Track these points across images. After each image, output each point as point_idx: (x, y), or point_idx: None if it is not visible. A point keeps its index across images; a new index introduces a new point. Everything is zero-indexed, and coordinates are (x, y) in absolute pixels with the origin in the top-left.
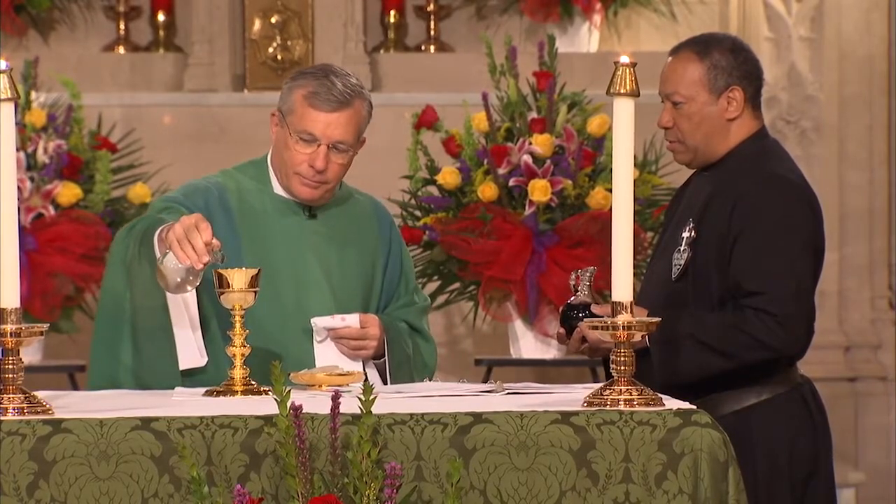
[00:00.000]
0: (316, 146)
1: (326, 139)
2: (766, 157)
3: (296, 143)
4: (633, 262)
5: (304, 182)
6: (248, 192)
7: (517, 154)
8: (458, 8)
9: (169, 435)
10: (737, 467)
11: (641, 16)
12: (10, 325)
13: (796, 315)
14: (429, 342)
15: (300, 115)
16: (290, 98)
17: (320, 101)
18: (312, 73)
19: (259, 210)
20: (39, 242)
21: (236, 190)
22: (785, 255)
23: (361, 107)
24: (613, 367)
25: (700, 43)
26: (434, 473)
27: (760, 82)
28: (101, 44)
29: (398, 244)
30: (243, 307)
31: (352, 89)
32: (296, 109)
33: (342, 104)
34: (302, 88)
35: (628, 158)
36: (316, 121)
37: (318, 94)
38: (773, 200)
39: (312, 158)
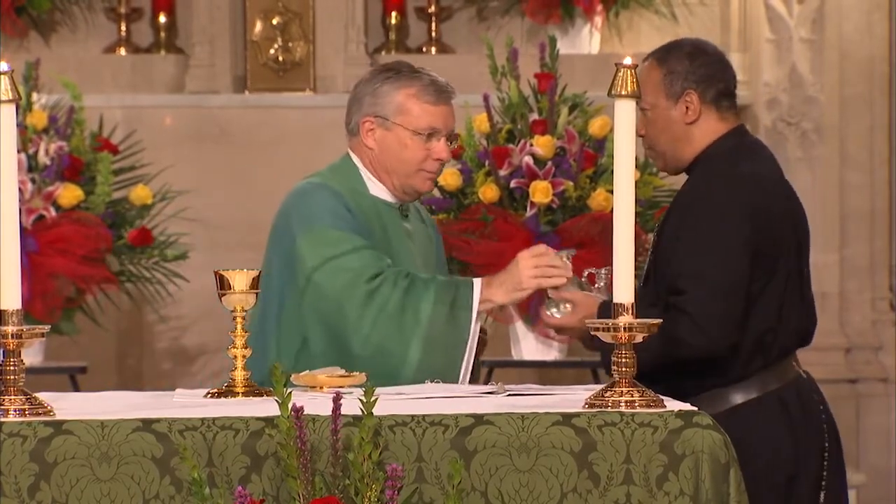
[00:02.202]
0: (436, 139)
1: (447, 129)
2: (734, 157)
3: (418, 141)
4: (634, 263)
5: (426, 176)
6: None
7: (518, 155)
8: (460, 9)
9: (170, 436)
10: (738, 468)
11: (642, 17)
12: (12, 327)
13: (715, 315)
14: None
15: (418, 113)
16: (393, 100)
17: (433, 95)
18: (406, 73)
19: (369, 210)
20: (40, 244)
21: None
22: (714, 255)
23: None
24: (615, 369)
25: (661, 50)
26: (435, 475)
27: (724, 84)
28: (102, 45)
29: (440, 241)
30: (244, 308)
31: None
32: (409, 109)
33: (452, 94)
34: (407, 88)
35: (629, 160)
36: (437, 114)
37: (428, 89)
38: (712, 200)
39: (437, 151)
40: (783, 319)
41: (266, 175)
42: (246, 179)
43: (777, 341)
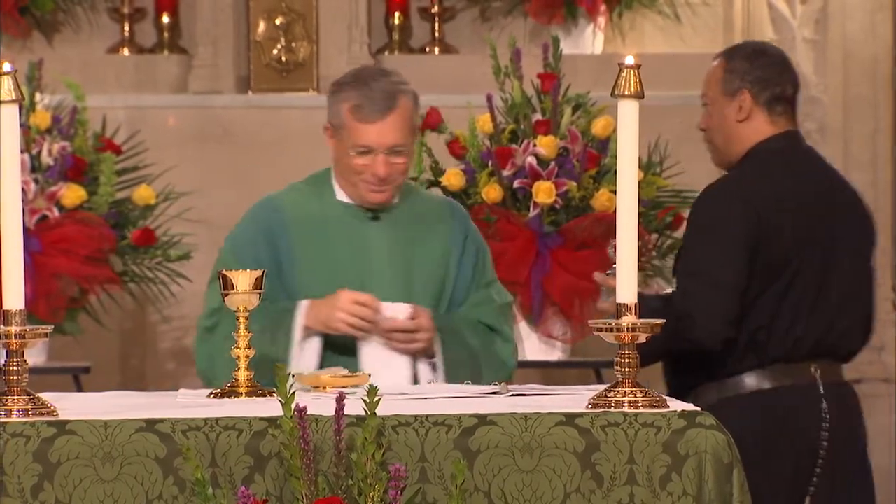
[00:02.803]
0: (373, 156)
1: (382, 147)
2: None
3: (354, 156)
4: (637, 263)
5: (373, 189)
6: (307, 203)
7: (521, 156)
8: (463, 10)
9: (173, 436)
10: (741, 469)
11: (646, 17)
12: (15, 327)
13: (704, 311)
14: (507, 342)
15: (350, 129)
16: (338, 112)
17: (365, 112)
18: (352, 84)
19: (319, 218)
20: (44, 244)
21: (292, 204)
22: (705, 254)
23: (407, 103)
24: (617, 369)
25: (729, 48)
26: (438, 475)
27: (780, 88)
28: (105, 45)
29: (474, 244)
30: (248, 308)
31: (393, 91)
32: (346, 123)
33: (386, 110)
34: (346, 102)
35: (633, 160)
36: (367, 132)
37: (362, 106)
38: (710, 201)
39: (373, 167)
40: (780, 324)
41: (269, 175)
42: (249, 180)
43: (771, 344)
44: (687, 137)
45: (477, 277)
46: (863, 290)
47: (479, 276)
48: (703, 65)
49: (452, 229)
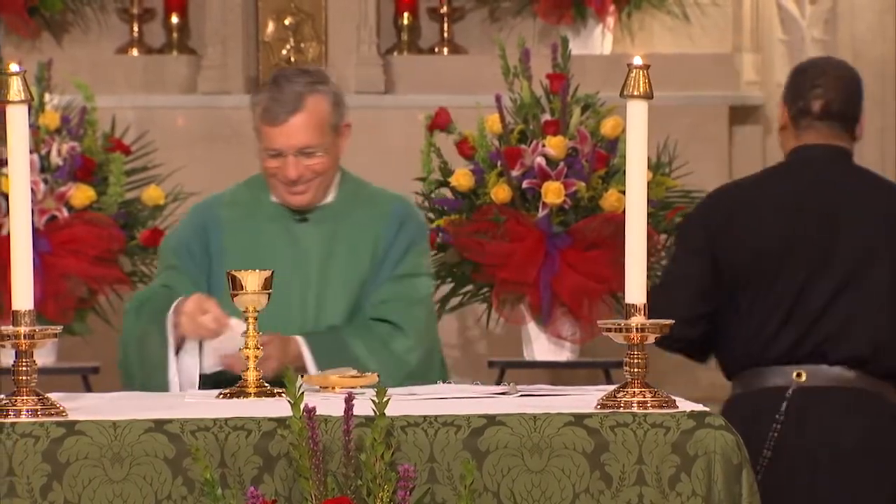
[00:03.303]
0: (283, 158)
1: (290, 149)
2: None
3: (267, 158)
4: (647, 264)
5: (289, 190)
6: (243, 203)
7: (530, 156)
8: (472, 10)
9: (182, 437)
10: (750, 469)
11: (655, 18)
12: (24, 327)
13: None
14: (409, 338)
15: (261, 132)
16: (254, 115)
17: (272, 115)
18: (268, 86)
19: (251, 218)
20: (53, 244)
21: (231, 201)
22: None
23: (319, 102)
24: (626, 370)
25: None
26: (447, 475)
27: (803, 103)
28: (114, 46)
29: (405, 241)
30: (256, 309)
31: (302, 91)
32: (258, 126)
33: (292, 111)
34: (258, 105)
35: (642, 160)
36: (274, 135)
37: (269, 108)
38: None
39: (283, 169)
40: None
41: None
42: None
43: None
44: (696, 138)
45: (392, 271)
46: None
47: (394, 268)
48: (712, 65)
49: (385, 229)
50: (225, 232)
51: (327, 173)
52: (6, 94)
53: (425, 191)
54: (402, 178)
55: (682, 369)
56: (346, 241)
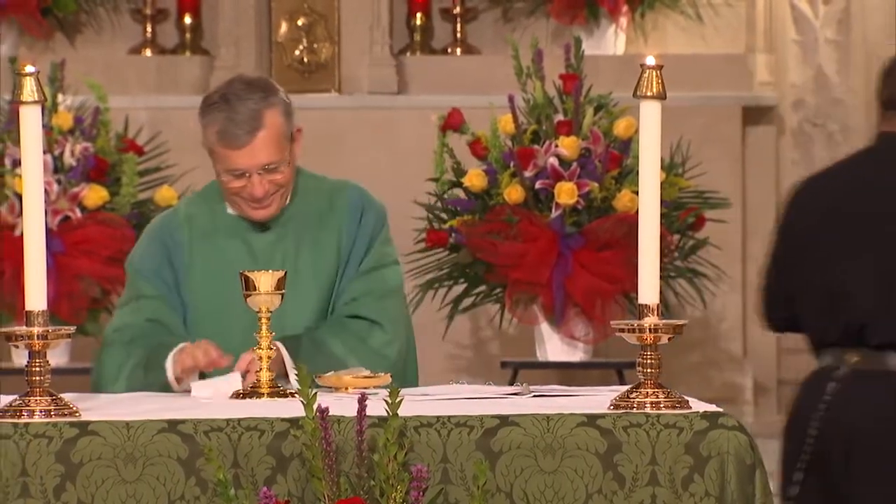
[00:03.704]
0: (247, 177)
1: (254, 168)
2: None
3: (228, 178)
4: (659, 264)
5: (253, 207)
6: (200, 217)
7: (543, 156)
8: (485, 10)
9: (195, 437)
10: (763, 470)
11: (668, 18)
12: (37, 328)
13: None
14: (387, 333)
15: (219, 154)
16: (206, 135)
17: (230, 138)
18: (217, 105)
19: (209, 233)
20: (66, 245)
21: (187, 218)
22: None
23: (275, 117)
24: (640, 370)
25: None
26: (460, 476)
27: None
28: (127, 46)
29: (366, 233)
30: (270, 309)
31: (257, 108)
32: (214, 149)
33: (252, 131)
34: (211, 126)
35: (655, 161)
36: (235, 157)
37: (226, 131)
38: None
39: (249, 188)
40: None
41: None
42: None
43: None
44: (709, 138)
45: (359, 266)
46: None
47: (362, 264)
48: (726, 65)
49: (346, 223)
50: (185, 252)
51: (288, 185)
52: (19, 95)
53: (438, 191)
54: (415, 178)
55: (696, 370)
56: (308, 242)
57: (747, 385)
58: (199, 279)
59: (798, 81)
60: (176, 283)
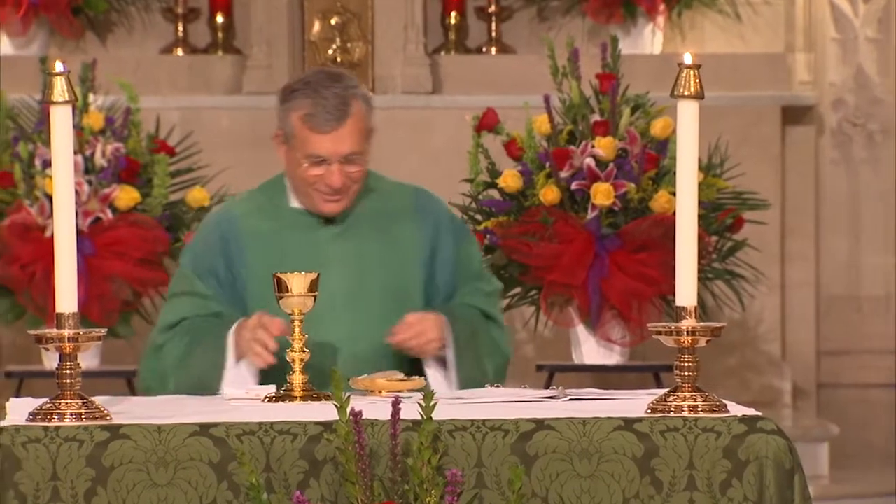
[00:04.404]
0: (327, 165)
1: (336, 156)
2: None
3: (307, 166)
4: (697, 266)
5: (327, 199)
6: (260, 212)
7: (579, 157)
8: (520, 9)
9: (227, 441)
10: (802, 474)
11: (706, 17)
12: (68, 330)
13: None
14: (501, 328)
15: (303, 139)
16: (288, 121)
17: (318, 121)
18: (302, 91)
19: (271, 228)
20: (97, 246)
21: (247, 212)
22: None
23: (360, 108)
24: (677, 373)
25: None
26: (495, 480)
27: None
28: (158, 46)
29: (449, 236)
30: (302, 311)
31: (345, 96)
32: (297, 133)
33: (340, 118)
34: (297, 111)
35: (692, 161)
36: (321, 143)
37: (315, 115)
38: None
39: (327, 177)
40: None
41: None
42: None
43: None
44: (747, 139)
45: (463, 272)
46: None
47: (464, 269)
48: (764, 65)
49: (421, 225)
50: (247, 245)
51: (362, 181)
52: (50, 95)
53: (473, 192)
54: (450, 179)
55: (734, 373)
56: (375, 239)
57: (786, 388)
58: (261, 272)
59: (838, 81)
60: (233, 278)
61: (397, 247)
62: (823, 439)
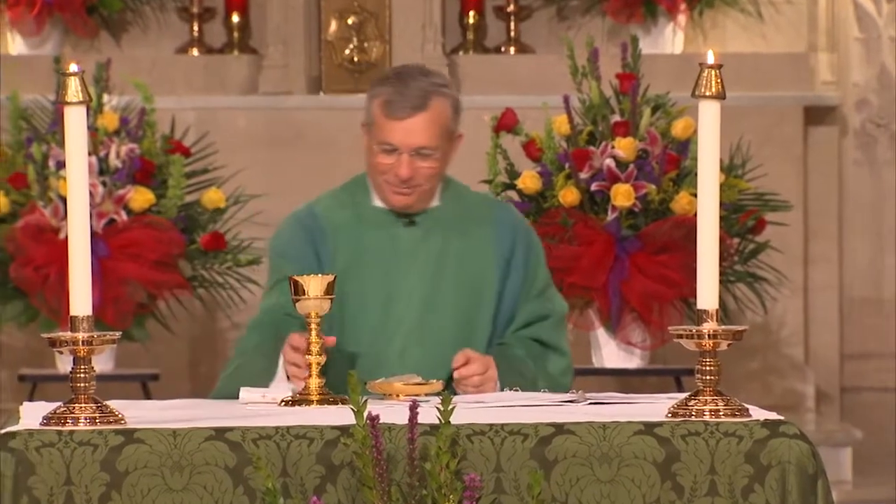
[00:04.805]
0: (398, 155)
1: (406, 147)
2: None
3: (379, 153)
4: (719, 268)
5: (395, 190)
6: (343, 210)
7: (599, 158)
8: (539, 8)
9: (243, 445)
10: (826, 480)
11: (728, 16)
12: (82, 333)
13: None
14: (563, 356)
15: (378, 125)
16: (370, 108)
17: (394, 108)
18: (389, 79)
19: (353, 224)
20: (111, 249)
21: (330, 208)
22: None
23: (443, 106)
24: (698, 377)
25: None
26: (514, 485)
27: None
28: (174, 46)
29: (523, 246)
30: (319, 314)
31: (428, 90)
32: (375, 120)
33: (417, 108)
34: (378, 97)
35: (714, 162)
36: (393, 130)
37: (392, 101)
38: None
39: (396, 167)
40: None
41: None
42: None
43: None
44: (770, 139)
45: (527, 288)
46: None
47: (529, 285)
48: (787, 64)
49: (497, 236)
50: (331, 241)
51: (434, 180)
52: (64, 95)
53: (491, 193)
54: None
55: (756, 377)
56: (456, 244)
57: (809, 392)
58: (342, 268)
59: (861, 81)
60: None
61: (475, 250)
62: (847, 444)
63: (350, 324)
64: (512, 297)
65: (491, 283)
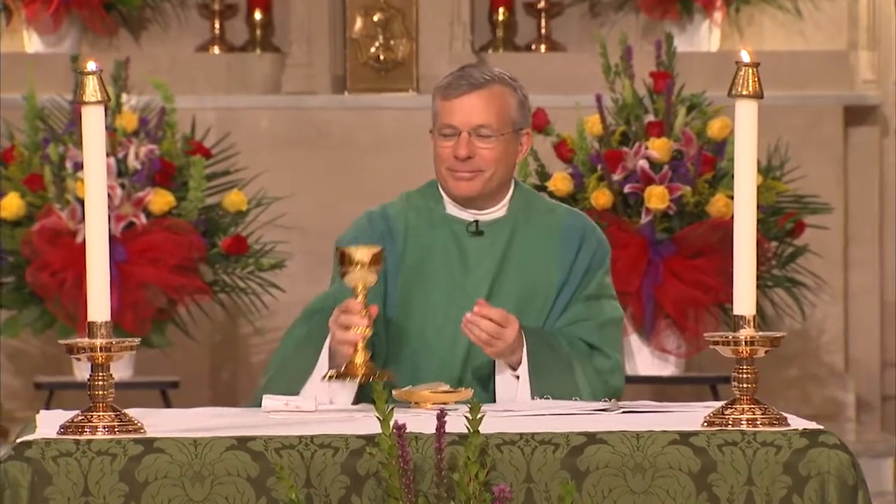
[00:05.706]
0: (457, 136)
1: (465, 126)
2: None
3: (440, 141)
4: (756, 273)
5: (456, 176)
6: (415, 214)
7: (633, 159)
8: (571, 5)
9: (266, 455)
10: (866, 490)
11: (765, 13)
12: (100, 340)
13: None
14: (609, 359)
15: (437, 112)
16: (433, 104)
17: (452, 89)
18: (455, 73)
19: (423, 229)
20: (130, 253)
21: (404, 210)
22: None
23: (504, 92)
24: (735, 385)
25: None
26: (545, 496)
27: None
28: (194, 44)
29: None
30: (366, 286)
31: (489, 75)
32: (436, 111)
33: (475, 86)
34: (438, 88)
35: (751, 164)
36: (451, 110)
37: (451, 84)
38: None
39: (455, 148)
40: None
41: (366, 180)
42: (345, 184)
43: None
44: (808, 140)
45: (580, 290)
46: None
47: (582, 288)
48: (826, 63)
49: (562, 244)
50: (400, 243)
51: (497, 169)
52: (81, 95)
53: None
54: None
55: (794, 385)
56: (519, 254)
57: (849, 401)
58: (407, 272)
59: None
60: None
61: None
62: (888, 454)
63: (415, 327)
64: (565, 299)
65: (550, 290)
